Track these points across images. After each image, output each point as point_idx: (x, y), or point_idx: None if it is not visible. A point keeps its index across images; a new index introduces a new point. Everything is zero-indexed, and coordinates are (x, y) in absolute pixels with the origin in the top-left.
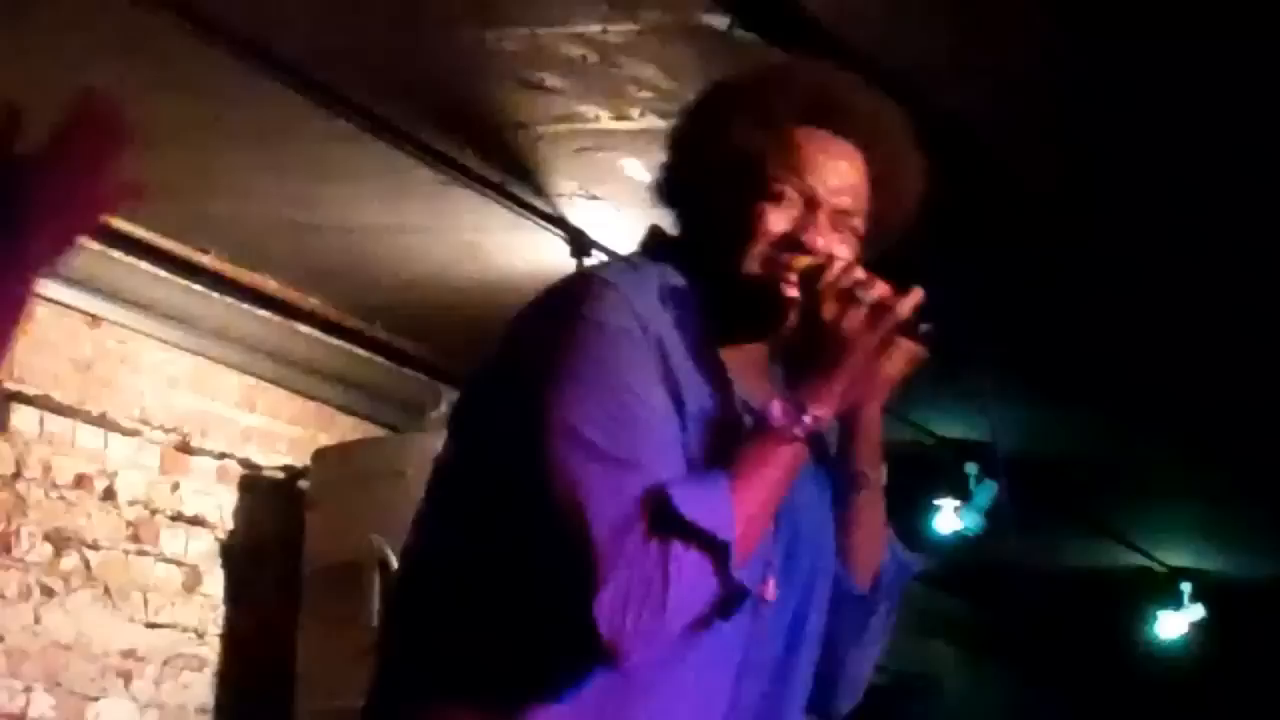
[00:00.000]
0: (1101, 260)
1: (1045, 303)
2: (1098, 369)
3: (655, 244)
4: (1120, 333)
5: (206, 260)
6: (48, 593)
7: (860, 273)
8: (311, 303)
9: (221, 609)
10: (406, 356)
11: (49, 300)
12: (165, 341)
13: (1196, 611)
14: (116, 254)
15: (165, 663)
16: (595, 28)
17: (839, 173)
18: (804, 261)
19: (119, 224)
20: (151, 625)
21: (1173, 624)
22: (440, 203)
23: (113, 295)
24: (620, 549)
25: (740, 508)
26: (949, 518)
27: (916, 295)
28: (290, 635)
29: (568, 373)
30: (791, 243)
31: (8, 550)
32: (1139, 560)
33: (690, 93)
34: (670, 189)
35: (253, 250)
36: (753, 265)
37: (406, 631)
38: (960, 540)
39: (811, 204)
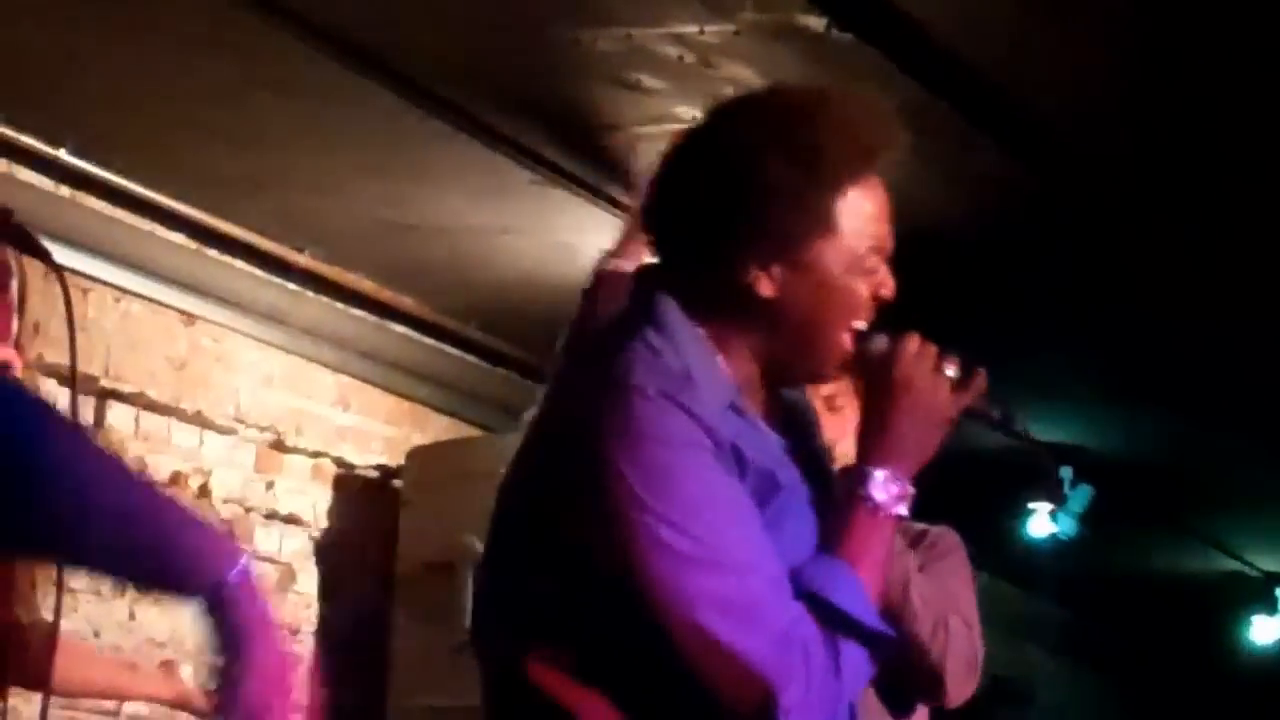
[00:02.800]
0: (1193, 262)
1: (1137, 306)
2: (1192, 373)
3: (656, 289)
4: (1215, 335)
5: (302, 259)
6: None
7: (934, 350)
8: (406, 302)
9: (315, 607)
10: (501, 356)
11: (145, 298)
12: (260, 340)
13: None
14: (212, 253)
15: None
16: (692, 28)
17: (889, 215)
18: (883, 343)
19: (216, 223)
20: None
21: (1267, 629)
22: (535, 203)
23: (208, 294)
24: (793, 657)
25: (871, 594)
26: (1043, 522)
27: (983, 376)
28: (384, 633)
29: (653, 496)
30: (871, 300)
31: None
32: (1233, 565)
33: None
34: (697, 236)
35: (348, 249)
36: (842, 341)
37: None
38: (1054, 545)
39: (881, 255)
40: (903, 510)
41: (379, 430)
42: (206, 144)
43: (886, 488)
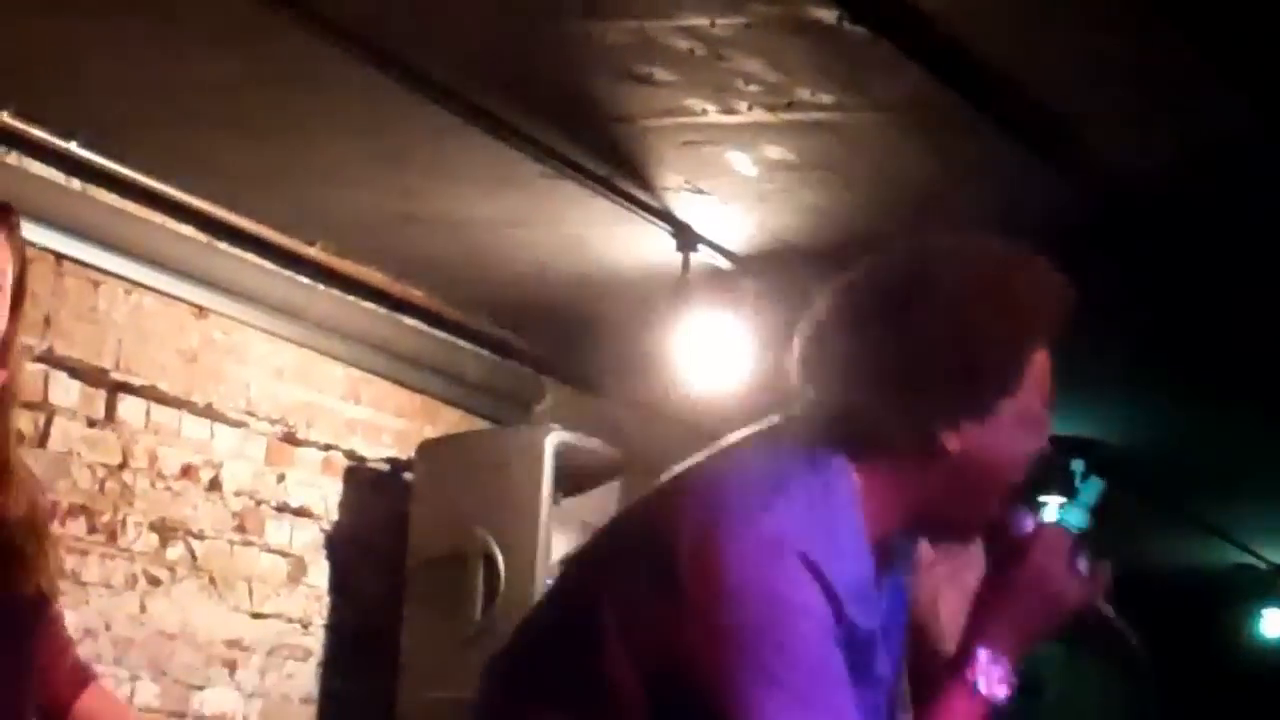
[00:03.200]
0: (1205, 251)
1: (1147, 298)
2: (1203, 365)
3: (814, 423)
4: (1226, 327)
5: (313, 252)
6: (153, 582)
7: (1070, 542)
8: (417, 295)
9: (326, 599)
10: (511, 349)
11: (156, 291)
12: (271, 333)
13: None
14: (223, 245)
15: (270, 652)
16: (703, 21)
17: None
18: (1028, 525)
19: (227, 215)
20: (256, 615)
21: (1277, 622)
22: (546, 196)
23: (219, 287)
24: None
25: None
26: (1054, 515)
27: (1108, 571)
28: (395, 626)
29: (765, 659)
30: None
31: (114, 540)
32: (1243, 558)
33: (799, 87)
34: (887, 367)
35: (359, 243)
36: (1003, 495)
37: None
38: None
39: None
40: (1001, 695)
41: (390, 423)
42: (218, 137)
43: (990, 670)
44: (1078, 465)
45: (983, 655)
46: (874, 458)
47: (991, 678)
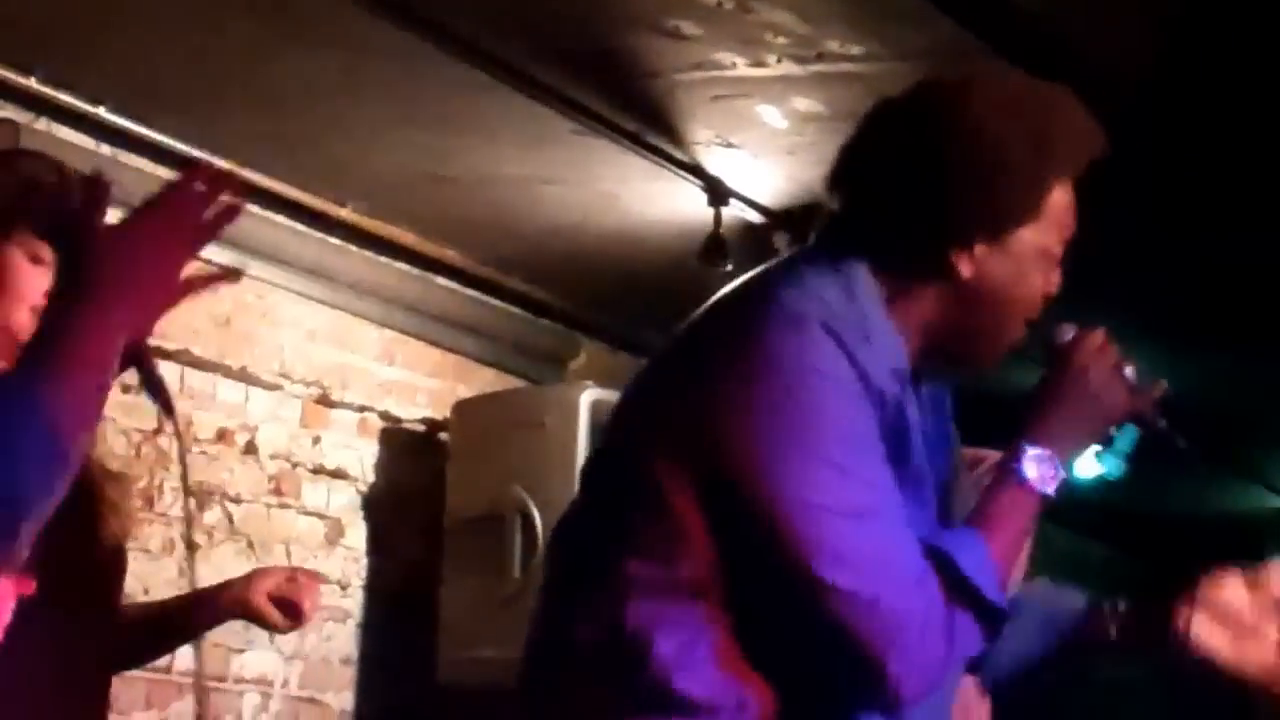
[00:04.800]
0: (1242, 196)
1: (1183, 243)
2: (1240, 310)
3: (840, 258)
4: (1263, 270)
5: (344, 213)
6: (191, 546)
7: (1116, 348)
8: (449, 255)
9: (364, 561)
10: (545, 307)
11: None
12: (304, 295)
13: None
14: (254, 208)
15: None
16: None
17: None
18: (1069, 333)
19: (258, 178)
20: None
21: None
22: (577, 153)
23: (251, 249)
24: (911, 613)
25: (999, 567)
26: (1089, 463)
27: (1162, 385)
28: (433, 586)
29: (804, 426)
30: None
31: (151, 505)
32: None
33: (827, 39)
34: (910, 189)
35: (390, 203)
36: (1020, 326)
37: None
38: (1101, 485)
39: (1064, 250)
40: (1050, 491)
41: (424, 383)
42: (247, 99)
43: (1039, 465)
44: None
45: (1029, 449)
46: (892, 274)
47: (1039, 471)
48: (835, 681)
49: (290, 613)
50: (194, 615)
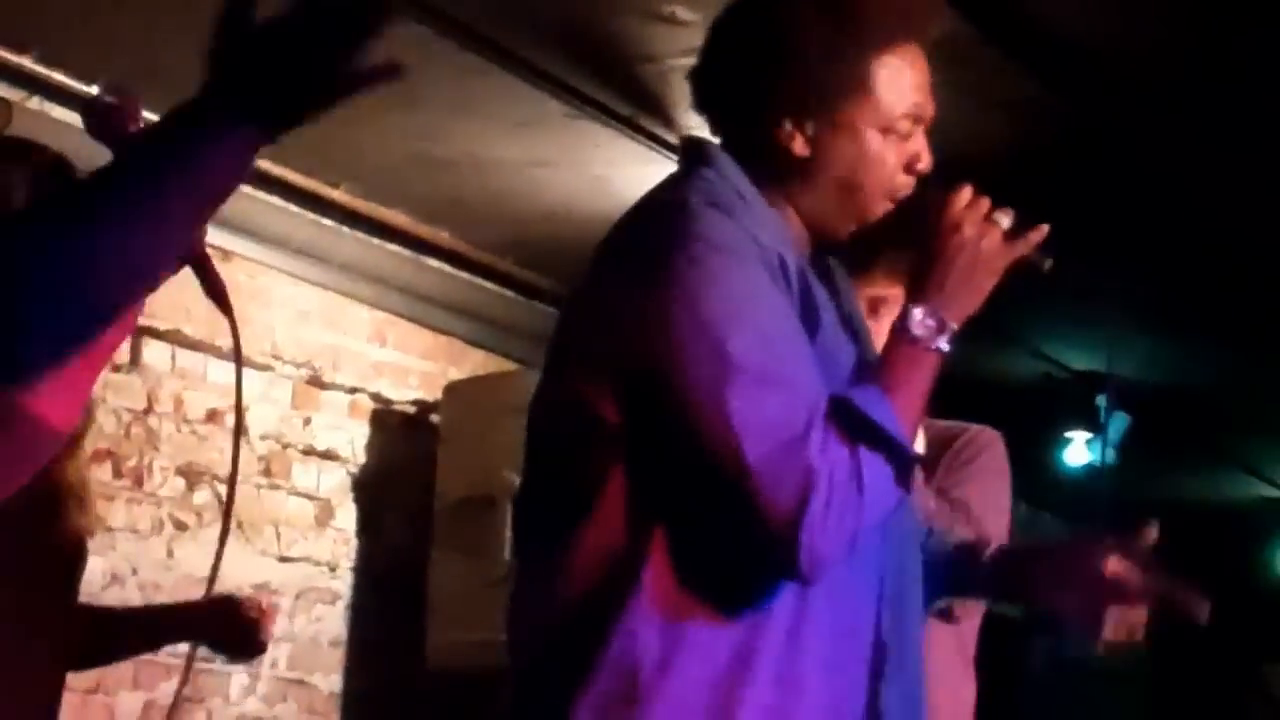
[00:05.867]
0: (1230, 185)
1: (1173, 232)
2: (1228, 298)
3: (704, 153)
4: (1252, 260)
5: (337, 195)
6: (180, 527)
7: (987, 201)
8: (442, 237)
9: (354, 543)
10: (537, 290)
11: None
12: (296, 276)
13: None
14: (247, 189)
15: (298, 596)
16: None
17: (929, 87)
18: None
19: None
20: (284, 559)
21: None
22: (570, 136)
23: (244, 230)
24: (810, 460)
25: (904, 420)
26: (1080, 450)
27: (1043, 230)
28: (422, 568)
29: (702, 296)
30: (906, 169)
31: (140, 485)
32: (1270, 491)
33: None
34: (736, 94)
35: (383, 184)
36: (877, 203)
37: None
38: (1091, 473)
39: (919, 124)
40: (942, 345)
41: (415, 365)
42: None
43: (925, 323)
44: (1103, 400)
45: (914, 310)
46: (749, 166)
47: (928, 329)
48: (752, 564)
49: (248, 643)
50: (153, 632)
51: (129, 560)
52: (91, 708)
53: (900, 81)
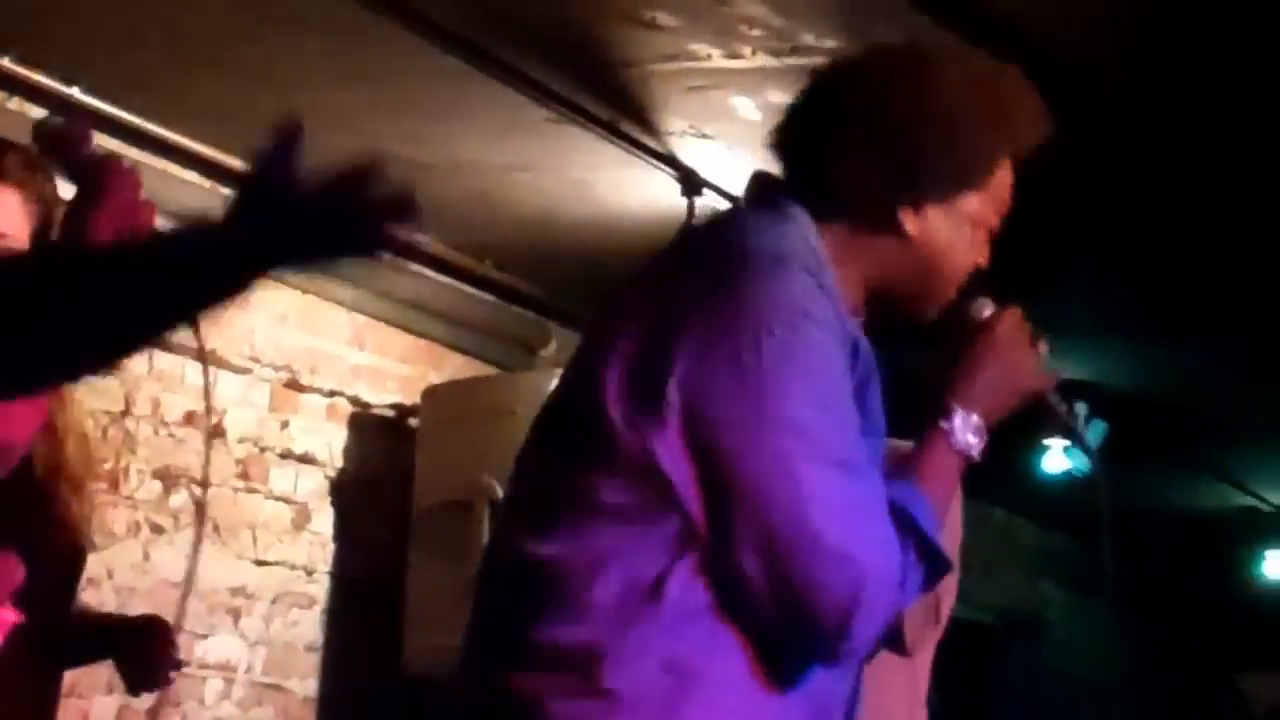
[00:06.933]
0: (1208, 194)
1: (1151, 241)
2: (1206, 307)
3: (778, 194)
4: (1230, 269)
5: None
6: (157, 530)
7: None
8: (421, 240)
9: (331, 547)
10: (517, 294)
11: None
12: (274, 279)
13: None
14: (227, 191)
15: (274, 600)
16: None
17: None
18: (989, 306)
19: (231, 161)
20: (261, 563)
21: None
22: (551, 141)
23: None
24: (886, 572)
25: (937, 523)
26: (1058, 458)
27: (1060, 373)
28: (400, 573)
29: (789, 368)
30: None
31: (116, 488)
32: (1247, 500)
33: (802, 31)
34: (871, 145)
35: None
36: (951, 289)
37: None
38: (1069, 480)
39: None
40: (975, 455)
41: (394, 369)
42: (221, 81)
43: (968, 427)
44: (1081, 408)
45: (959, 410)
46: (836, 229)
47: (967, 432)
48: (785, 635)
49: (146, 676)
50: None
51: (105, 563)
52: (67, 711)
53: (1005, 184)
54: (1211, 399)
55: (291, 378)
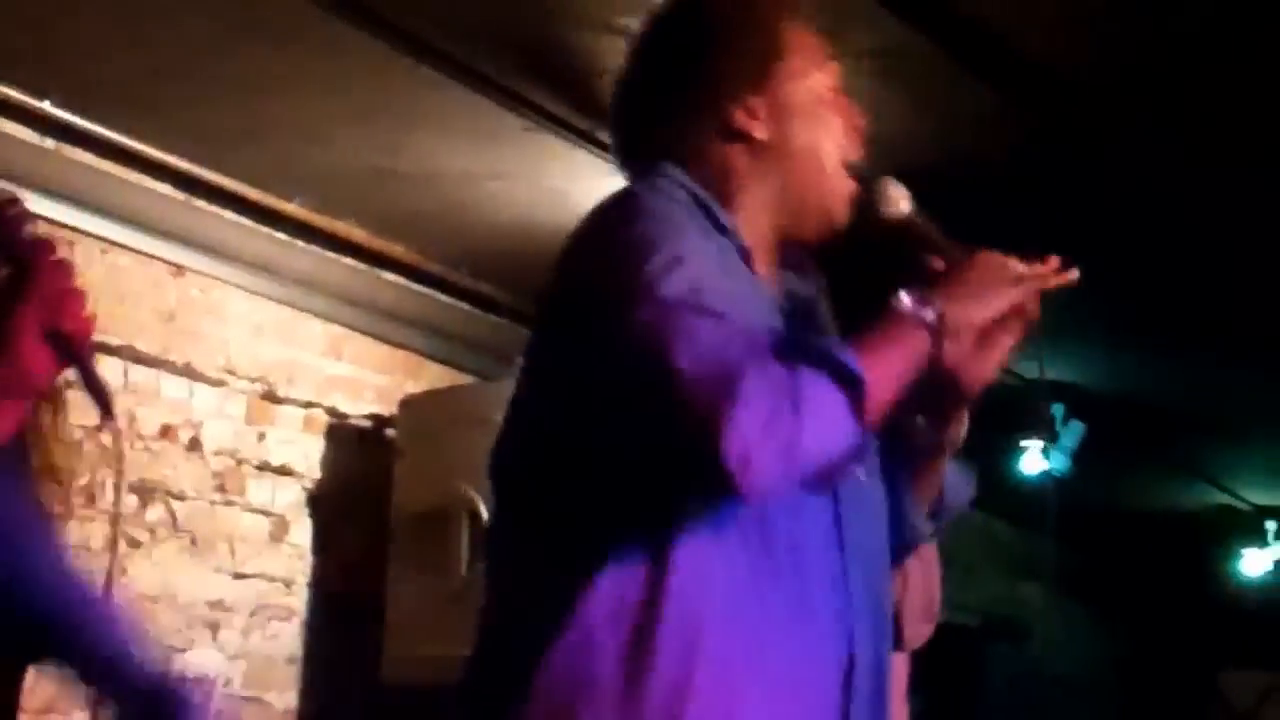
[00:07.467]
0: (1185, 196)
1: (1129, 242)
2: (1182, 308)
3: (652, 167)
4: (1206, 270)
5: (291, 208)
6: (134, 544)
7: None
8: (397, 250)
9: (309, 559)
10: (493, 303)
11: (132, 250)
12: (250, 290)
13: None
14: (200, 203)
15: (253, 613)
16: None
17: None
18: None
19: (204, 173)
20: (239, 576)
21: (1258, 561)
22: (527, 149)
23: (197, 244)
24: (739, 365)
25: (867, 370)
26: (1035, 459)
27: (1074, 274)
28: (379, 584)
29: (643, 257)
30: (853, 133)
31: (93, 501)
32: (1224, 499)
33: None
34: (670, 87)
35: (338, 198)
36: (839, 177)
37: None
38: (1047, 481)
39: (839, 90)
40: (929, 317)
41: (371, 379)
42: (194, 94)
43: (915, 301)
44: (1058, 409)
45: (910, 294)
46: (708, 173)
47: (915, 304)
48: (683, 483)
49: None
50: None
51: None
52: None
53: (808, 47)
54: (1189, 398)
55: (268, 389)
